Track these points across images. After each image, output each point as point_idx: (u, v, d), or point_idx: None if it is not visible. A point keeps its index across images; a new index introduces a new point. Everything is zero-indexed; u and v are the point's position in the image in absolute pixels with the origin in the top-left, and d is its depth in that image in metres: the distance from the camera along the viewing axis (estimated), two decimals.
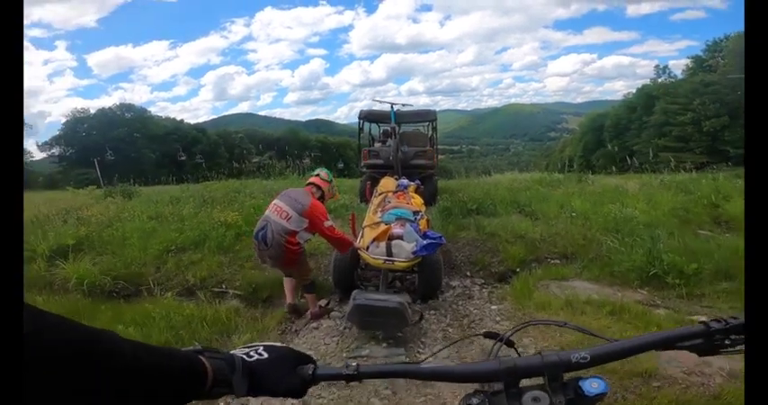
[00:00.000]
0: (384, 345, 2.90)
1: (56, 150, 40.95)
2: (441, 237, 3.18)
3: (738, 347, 0.59)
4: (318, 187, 3.35)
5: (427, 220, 3.86)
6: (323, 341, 3.08)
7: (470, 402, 0.57)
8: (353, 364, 0.60)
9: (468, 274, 4.41)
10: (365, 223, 3.72)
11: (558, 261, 4.58)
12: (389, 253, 3.09)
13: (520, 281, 3.94)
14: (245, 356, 0.58)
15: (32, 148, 38.59)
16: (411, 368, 0.62)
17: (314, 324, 3.39)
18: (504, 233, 4.96)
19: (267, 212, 3.22)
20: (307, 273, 3.46)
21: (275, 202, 3.22)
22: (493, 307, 3.56)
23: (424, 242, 3.07)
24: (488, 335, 0.70)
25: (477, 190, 7.50)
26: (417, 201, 4.32)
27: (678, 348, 0.61)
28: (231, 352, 0.59)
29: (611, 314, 3.03)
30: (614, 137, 33.72)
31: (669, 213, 5.55)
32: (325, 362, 2.71)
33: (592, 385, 0.55)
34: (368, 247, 3.17)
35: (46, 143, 41.47)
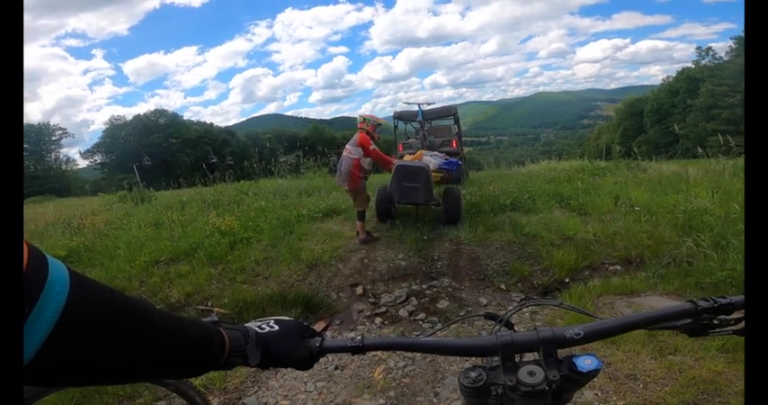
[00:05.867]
0: (382, 400, 2.13)
1: (98, 157, 42.85)
2: (458, 161, 5.15)
3: (728, 328, 0.58)
4: (362, 129, 4.38)
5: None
6: (303, 387, 2.35)
7: (469, 376, 0.57)
8: (358, 337, 0.62)
9: (503, 287, 3.56)
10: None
11: (620, 267, 3.64)
12: None
13: (573, 297, 3.05)
14: (257, 328, 0.60)
15: (76, 156, 40.76)
16: (413, 341, 0.64)
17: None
18: (548, 234, 4.06)
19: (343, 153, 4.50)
20: (364, 200, 4.47)
21: (346, 146, 4.44)
22: None
23: (446, 161, 4.80)
24: (489, 316, 0.71)
25: (510, 182, 6.59)
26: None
27: (667, 328, 0.61)
28: (245, 324, 0.60)
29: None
30: (656, 122, 32.73)
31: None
32: None
33: (585, 362, 0.54)
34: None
35: (89, 151, 43.52)
